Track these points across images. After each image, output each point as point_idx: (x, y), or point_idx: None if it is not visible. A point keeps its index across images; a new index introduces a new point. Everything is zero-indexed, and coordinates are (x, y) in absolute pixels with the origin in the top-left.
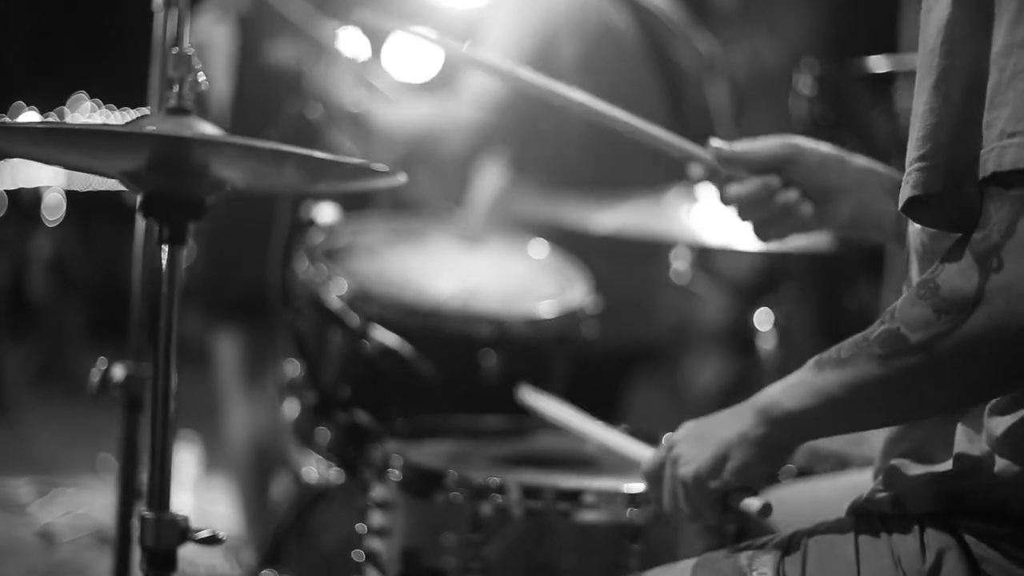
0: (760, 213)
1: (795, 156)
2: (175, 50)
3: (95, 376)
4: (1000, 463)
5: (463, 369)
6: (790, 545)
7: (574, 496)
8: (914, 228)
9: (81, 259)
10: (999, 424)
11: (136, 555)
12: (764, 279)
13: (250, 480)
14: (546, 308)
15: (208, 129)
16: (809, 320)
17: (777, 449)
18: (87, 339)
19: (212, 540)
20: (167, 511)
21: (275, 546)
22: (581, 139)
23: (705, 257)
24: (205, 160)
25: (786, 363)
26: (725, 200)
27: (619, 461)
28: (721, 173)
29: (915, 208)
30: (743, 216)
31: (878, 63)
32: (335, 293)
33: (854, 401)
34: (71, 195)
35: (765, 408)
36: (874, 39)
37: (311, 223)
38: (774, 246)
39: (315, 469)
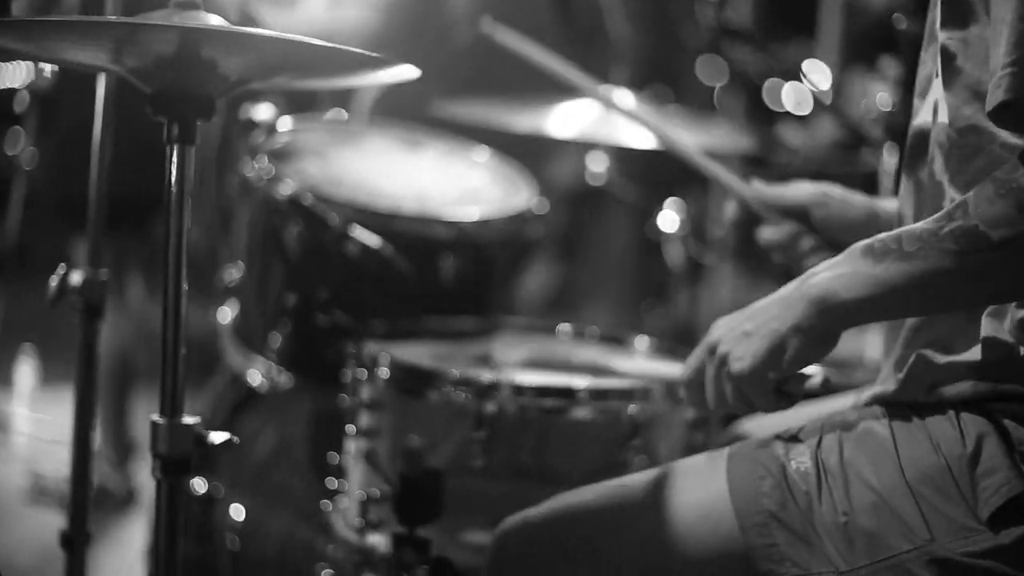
0: (783, 256)
1: (819, 206)
2: None
3: (53, 281)
4: None
5: (422, 271)
6: (823, 435)
7: (571, 394)
8: (939, 123)
9: None
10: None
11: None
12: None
13: (108, 392)
14: (495, 209)
15: (218, 22)
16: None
17: (831, 336)
18: None
19: (227, 444)
20: (180, 417)
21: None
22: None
23: (621, 158)
24: (216, 55)
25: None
26: (759, 238)
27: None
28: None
29: (1000, 112)
30: (770, 253)
31: None
32: (286, 193)
33: (918, 293)
34: None
35: (819, 299)
36: None
37: (250, 123)
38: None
39: (259, 373)
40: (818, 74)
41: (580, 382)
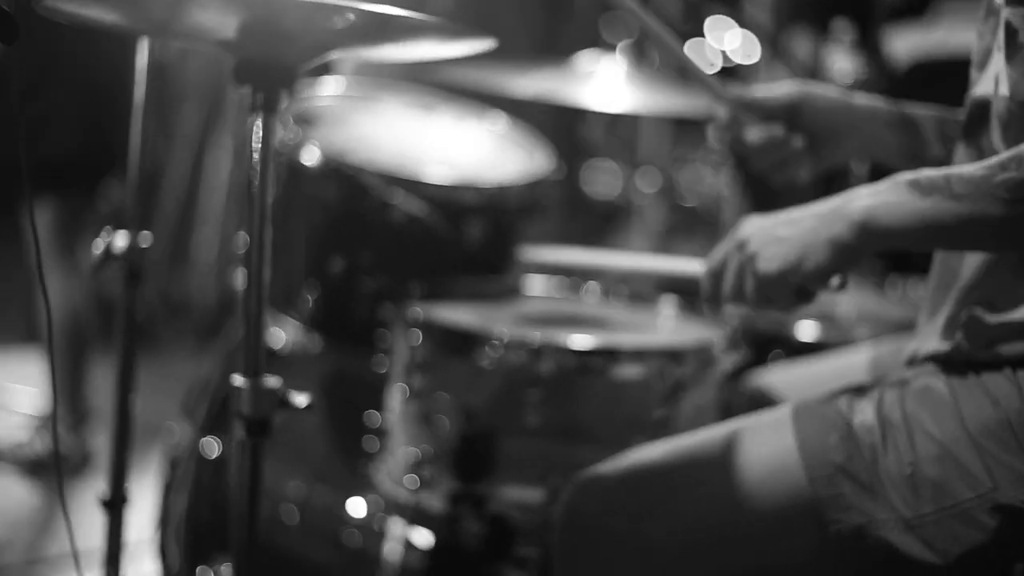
0: (766, 160)
1: (805, 102)
2: None
3: (98, 247)
4: None
5: (449, 235)
6: (883, 391)
7: (617, 353)
8: (1000, 96)
9: None
10: None
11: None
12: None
13: (64, 355)
14: (517, 174)
15: None
16: None
17: (861, 254)
18: None
19: (309, 407)
20: (261, 378)
21: (216, 412)
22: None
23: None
24: (302, 24)
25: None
26: (736, 147)
27: (628, 319)
28: (733, 116)
29: None
30: (753, 162)
31: None
32: (317, 158)
33: (962, 232)
34: None
35: (861, 222)
36: None
37: None
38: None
39: (284, 335)
40: (723, 32)
41: (626, 340)
